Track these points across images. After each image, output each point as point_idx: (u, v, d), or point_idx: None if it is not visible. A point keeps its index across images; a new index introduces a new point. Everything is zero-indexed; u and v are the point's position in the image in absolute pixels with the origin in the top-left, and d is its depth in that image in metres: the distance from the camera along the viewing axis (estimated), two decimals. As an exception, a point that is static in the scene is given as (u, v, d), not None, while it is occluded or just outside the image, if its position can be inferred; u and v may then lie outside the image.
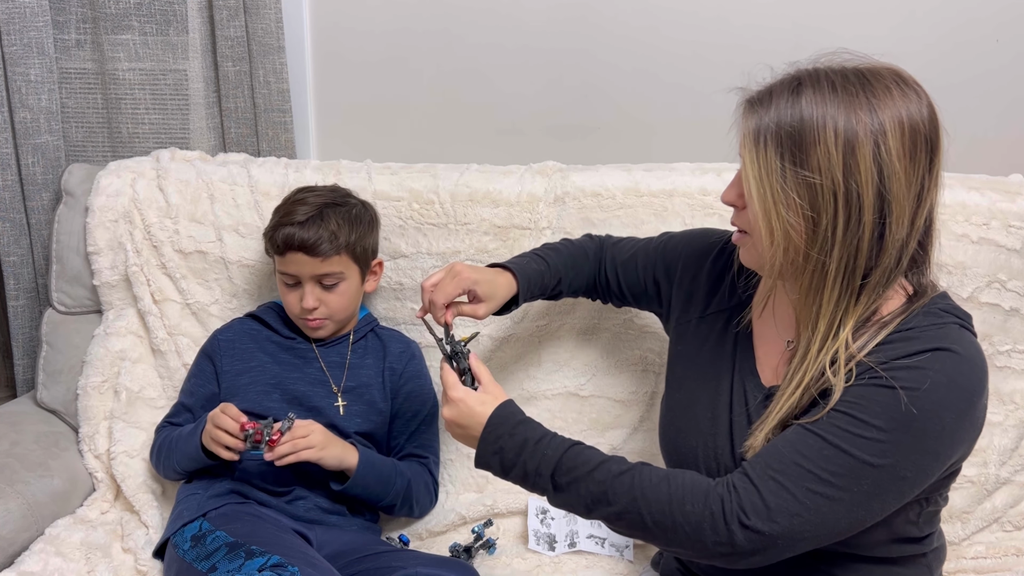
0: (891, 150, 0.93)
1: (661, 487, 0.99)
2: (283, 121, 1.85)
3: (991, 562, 1.45)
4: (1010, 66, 1.74)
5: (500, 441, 1.07)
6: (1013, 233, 1.50)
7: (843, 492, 0.94)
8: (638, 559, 1.47)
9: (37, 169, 1.81)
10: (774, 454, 0.98)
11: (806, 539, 0.96)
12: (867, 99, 0.94)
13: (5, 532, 1.40)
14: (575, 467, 1.03)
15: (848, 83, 0.95)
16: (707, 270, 1.25)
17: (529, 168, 1.66)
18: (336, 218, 1.47)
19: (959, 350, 0.96)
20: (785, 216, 0.96)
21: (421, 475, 1.53)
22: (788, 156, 0.95)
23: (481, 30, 1.83)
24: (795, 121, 0.95)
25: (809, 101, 0.95)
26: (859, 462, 0.94)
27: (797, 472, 0.95)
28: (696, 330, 1.22)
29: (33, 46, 1.76)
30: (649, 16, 1.78)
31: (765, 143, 0.96)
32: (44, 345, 1.69)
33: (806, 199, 0.95)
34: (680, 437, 1.17)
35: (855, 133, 0.93)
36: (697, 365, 1.19)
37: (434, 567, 1.29)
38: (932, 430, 0.94)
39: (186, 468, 1.47)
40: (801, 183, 0.95)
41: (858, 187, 0.94)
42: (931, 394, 0.94)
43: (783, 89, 0.97)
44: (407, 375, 1.57)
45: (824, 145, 0.93)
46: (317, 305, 1.48)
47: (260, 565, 1.19)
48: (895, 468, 0.94)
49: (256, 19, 1.78)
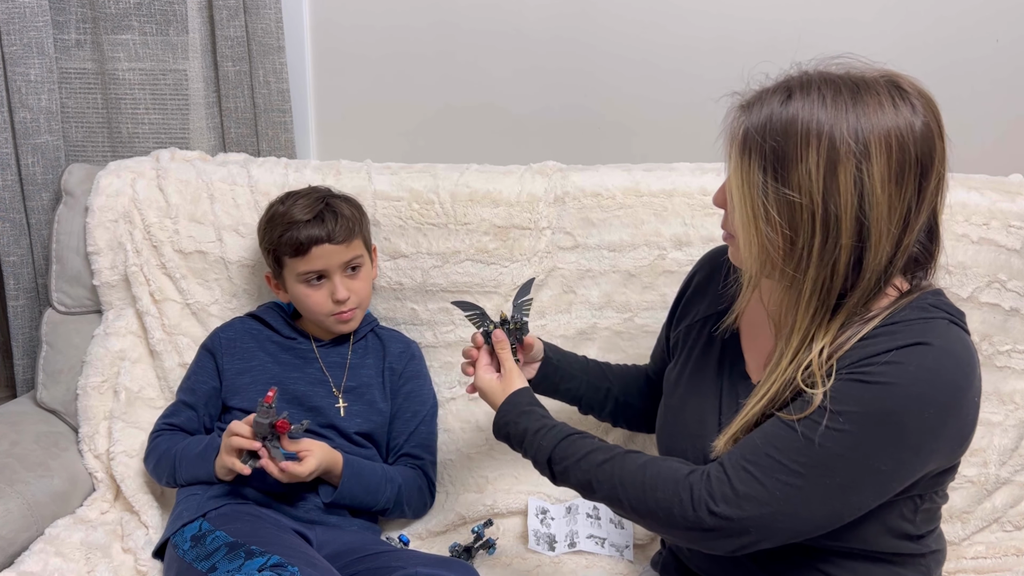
0: (874, 175, 0.92)
1: (637, 475, 1.03)
2: (283, 121, 1.85)
3: (991, 562, 1.45)
4: (1010, 66, 1.74)
5: (507, 428, 1.18)
6: (1013, 233, 1.50)
7: (814, 484, 0.95)
8: (638, 559, 1.47)
9: (37, 169, 1.81)
10: (749, 445, 0.99)
11: (782, 530, 0.97)
12: (855, 116, 0.92)
13: (5, 532, 1.40)
14: (565, 457, 1.10)
15: (839, 96, 0.93)
16: (696, 283, 1.28)
17: (529, 168, 1.66)
18: (339, 205, 1.50)
19: (941, 344, 0.95)
20: (764, 230, 0.96)
21: (415, 480, 1.53)
22: (771, 171, 0.94)
23: (481, 30, 1.83)
24: (780, 136, 0.93)
25: (796, 112, 0.93)
26: (830, 454, 0.94)
27: (768, 463, 0.96)
28: (686, 337, 1.24)
29: (33, 46, 1.76)
30: (649, 16, 1.78)
31: (750, 155, 0.95)
32: (44, 345, 1.69)
33: (785, 216, 0.94)
34: (672, 441, 1.18)
35: (838, 155, 0.91)
36: (687, 370, 1.20)
37: (434, 567, 1.29)
38: (911, 424, 0.94)
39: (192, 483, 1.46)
40: (782, 200, 0.94)
41: (837, 210, 0.92)
42: (910, 388, 0.93)
43: (773, 99, 0.96)
44: (407, 375, 1.57)
45: (806, 164, 0.92)
46: (349, 295, 1.49)
47: (260, 565, 1.19)
48: (868, 460, 0.94)
49: (256, 19, 1.78)
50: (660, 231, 1.57)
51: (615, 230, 1.59)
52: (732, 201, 0.99)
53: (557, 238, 1.61)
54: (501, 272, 1.61)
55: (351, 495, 1.43)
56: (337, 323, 1.52)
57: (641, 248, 1.58)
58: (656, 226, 1.57)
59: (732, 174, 0.98)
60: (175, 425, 1.52)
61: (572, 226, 1.61)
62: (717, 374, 1.15)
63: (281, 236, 1.48)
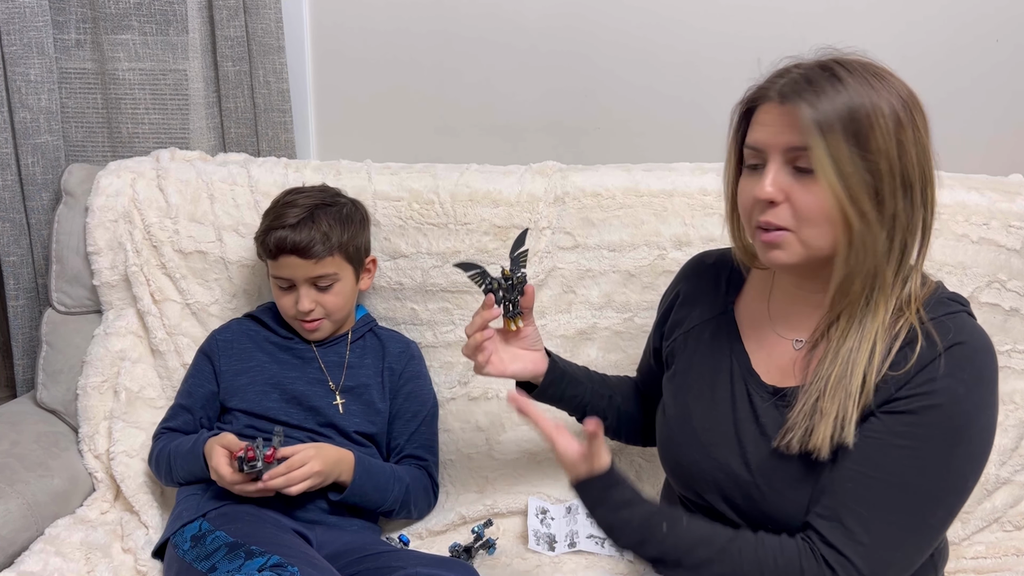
0: (919, 127, 0.98)
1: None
2: (283, 121, 1.85)
3: (991, 562, 1.45)
4: (1010, 66, 1.74)
5: (591, 498, 1.09)
6: (1013, 233, 1.50)
7: (929, 527, 0.98)
8: (638, 559, 1.47)
9: (37, 169, 1.81)
10: (852, 516, 0.98)
11: (907, 568, 1.00)
12: (883, 84, 0.97)
13: (5, 532, 1.40)
14: (659, 541, 1.05)
15: (865, 70, 0.98)
16: (683, 294, 1.25)
17: (529, 168, 1.66)
18: (327, 219, 1.47)
19: (978, 343, 1.00)
20: (860, 200, 0.96)
21: (420, 479, 1.53)
22: (854, 141, 0.96)
23: (481, 30, 1.83)
24: (852, 106, 0.96)
25: (852, 87, 0.96)
26: (934, 494, 0.97)
27: (883, 529, 0.97)
28: (683, 344, 1.21)
29: (33, 46, 1.76)
30: (649, 15, 1.78)
31: (832, 130, 0.96)
32: (44, 345, 1.69)
33: (871, 183, 0.96)
34: (680, 451, 1.16)
35: (896, 115, 0.96)
36: (688, 378, 1.18)
37: (434, 567, 1.29)
38: (976, 431, 0.98)
39: (191, 482, 1.46)
40: (868, 167, 0.96)
41: (907, 167, 0.97)
42: (970, 398, 0.97)
43: (819, 78, 0.97)
44: (406, 375, 1.57)
45: (880, 129, 0.95)
46: (313, 307, 1.48)
47: (260, 565, 1.19)
48: (964, 481, 0.99)
49: (256, 19, 1.78)
50: (660, 231, 1.57)
51: (615, 230, 1.58)
52: (825, 182, 0.96)
53: (557, 238, 1.61)
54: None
55: (361, 492, 1.43)
56: (303, 329, 1.52)
57: (641, 248, 1.58)
58: (656, 226, 1.57)
59: (819, 154, 0.96)
60: (172, 429, 1.53)
61: (572, 226, 1.60)
62: (726, 380, 1.13)
63: (264, 232, 1.49)
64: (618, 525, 1.07)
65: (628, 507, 1.06)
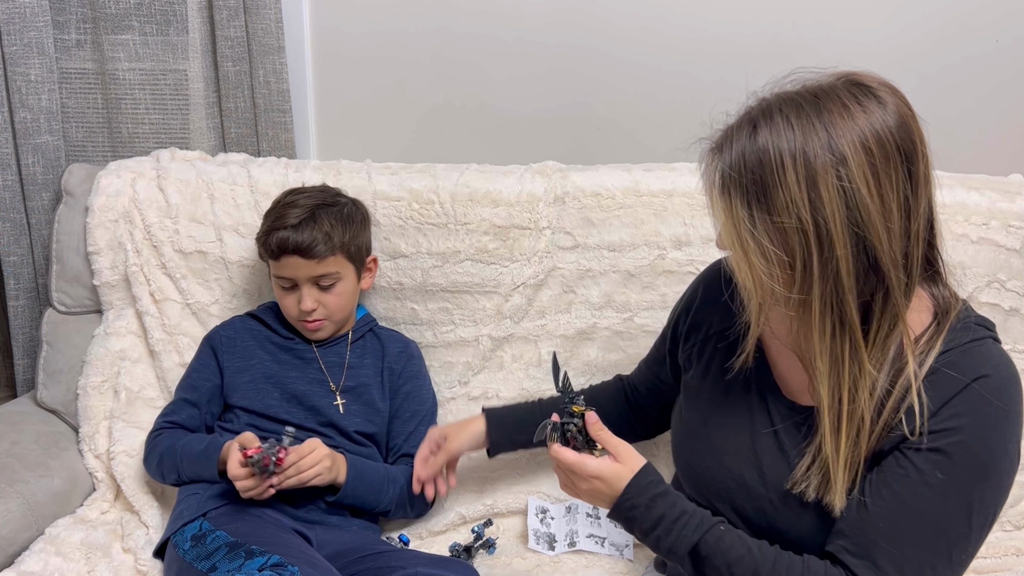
0: (855, 179, 0.90)
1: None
2: (283, 121, 1.85)
3: (991, 562, 1.45)
4: (1010, 66, 1.74)
5: (635, 511, 1.05)
6: (1013, 233, 1.50)
7: (960, 562, 0.97)
8: (638, 558, 1.47)
9: (37, 169, 1.81)
10: (884, 555, 0.97)
11: None
12: (823, 127, 0.91)
13: (5, 532, 1.40)
14: (713, 554, 1.02)
15: (802, 112, 0.92)
16: (702, 295, 1.24)
17: (529, 168, 1.66)
18: (328, 219, 1.48)
19: (1003, 374, 0.98)
20: (759, 263, 0.94)
21: None
22: (755, 204, 0.93)
23: (481, 30, 1.83)
24: (755, 168, 0.92)
25: (765, 142, 0.92)
26: (963, 531, 0.96)
27: (915, 568, 0.96)
28: (702, 349, 1.20)
29: (33, 46, 1.76)
30: (649, 15, 1.79)
31: (731, 194, 0.94)
32: (44, 345, 1.69)
33: (779, 243, 0.93)
34: (695, 457, 1.15)
35: (814, 168, 0.90)
36: (707, 382, 1.17)
37: (434, 567, 1.29)
38: (1005, 465, 0.97)
39: (193, 482, 1.46)
40: (771, 228, 0.93)
41: (826, 222, 0.91)
42: (996, 434, 0.96)
43: (740, 134, 0.95)
44: (406, 375, 1.57)
45: (787, 186, 0.91)
46: (315, 307, 1.48)
47: (260, 565, 1.19)
48: (990, 515, 0.98)
49: (256, 19, 1.78)
50: (660, 231, 1.57)
51: (615, 230, 1.59)
52: (723, 242, 0.99)
53: (557, 238, 1.61)
54: (501, 272, 1.61)
55: (355, 494, 1.43)
56: (305, 328, 1.53)
57: (641, 248, 1.58)
58: (656, 226, 1.57)
59: (718, 216, 0.98)
60: (176, 423, 1.51)
61: (572, 226, 1.61)
62: (743, 390, 1.12)
63: (266, 232, 1.49)
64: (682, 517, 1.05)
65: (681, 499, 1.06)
